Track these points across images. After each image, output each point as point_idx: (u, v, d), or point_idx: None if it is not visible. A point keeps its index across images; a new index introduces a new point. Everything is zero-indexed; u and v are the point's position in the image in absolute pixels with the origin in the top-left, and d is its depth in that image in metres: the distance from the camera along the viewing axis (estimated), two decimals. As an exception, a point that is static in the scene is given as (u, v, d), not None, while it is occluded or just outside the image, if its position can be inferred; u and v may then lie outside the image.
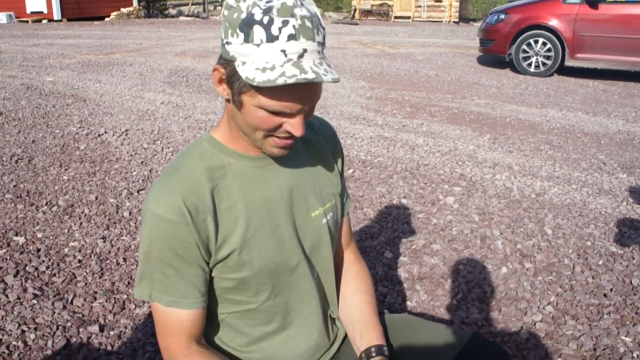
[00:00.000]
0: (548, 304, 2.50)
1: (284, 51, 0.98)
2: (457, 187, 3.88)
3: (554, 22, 8.38)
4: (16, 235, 2.97)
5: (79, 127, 5.00)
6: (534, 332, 2.29)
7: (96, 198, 3.47)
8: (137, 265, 2.65)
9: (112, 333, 2.23)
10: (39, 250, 2.84)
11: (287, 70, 0.97)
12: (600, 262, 2.87)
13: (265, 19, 0.98)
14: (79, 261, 2.74)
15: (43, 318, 2.29)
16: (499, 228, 3.24)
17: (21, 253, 2.79)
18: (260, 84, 0.98)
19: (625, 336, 2.26)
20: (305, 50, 0.99)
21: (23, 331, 2.21)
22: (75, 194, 3.53)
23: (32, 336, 2.19)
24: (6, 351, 2.09)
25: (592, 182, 4.05)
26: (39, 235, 2.99)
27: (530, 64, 8.74)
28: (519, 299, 2.54)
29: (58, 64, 8.56)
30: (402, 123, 5.61)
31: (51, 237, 2.97)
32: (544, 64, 8.64)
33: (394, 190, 3.79)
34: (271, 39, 0.98)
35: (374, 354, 1.27)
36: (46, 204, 3.37)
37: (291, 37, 0.98)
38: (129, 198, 3.49)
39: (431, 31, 16.42)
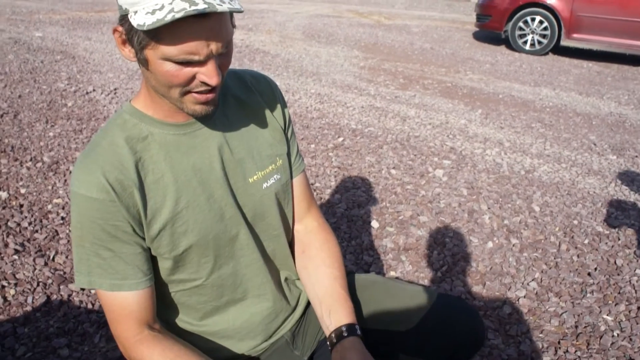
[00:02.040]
0: (532, 280, 2.50)
1: None
2: (446, 160, 3.85)
3: (551, 1, 8.30)
4: (-1, 189, 2.92)
5: (67, 84, 4.91)
6: (517, 308, 2.29)
7: (82, 156, 3.41)
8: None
9: (92, 292, 2.20)
10: (21, 205, 2.79)
11: (175, 6, 0.89)
12: (586, 242, 2.87)
13: None
14: (62, 218, 2.70)
15: (24, 274, 2.26)
16: (486, 203, 3.23)
17: (3, 208, 2.74)
18: (150, 26, 0.89)
19: (607, 315, 2.27)
20: None
21: (3, 286, 2.18)
22: (60, 151, 3.47)
23: (12, 292, 2.16)
24: (-15, 305, 2.06)
25: (582, 162, 4.04)
26: (22, 190, 2.94)
27: (525, 42, 8.68)
28: (504, 274, 2.54)
29: (47, 20, 8.38)
30: (394, 94, 5.56)
31: (35, 193, 2.92)
32: (539, 42, 8.58)
33: (383, 160, 3.76)
34: None
35: (345, 334, 1.17)
36: (31, 159, 3.31)
37: None
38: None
39: (428, 4, 16.25)
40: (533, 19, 8.53)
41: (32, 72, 5.21)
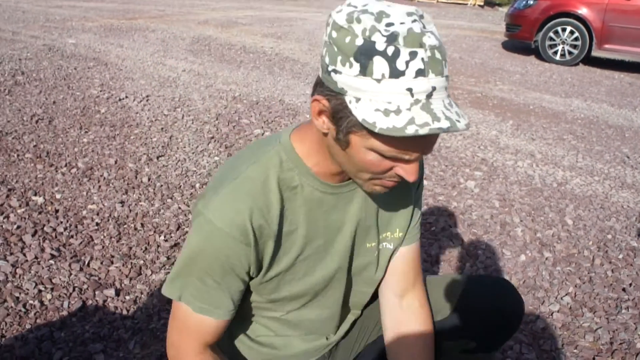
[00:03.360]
0: (566, 294, 2.47)
1: (410, 90, 0.84)
2: (478, 171, 3.83)
3: (583, 11, 8.21)
4: (35, 195, 2.98)
5: (100, 91, 4.99)
6: (551, 322, 2.26)
7: (115, 162, 3.46)
8: (154, 232, 2.65)
9: (127, 298, 2.23)
10: (57, 211, 2.84)
11: (416, 116, 0.84)
12: (620, 256, 2.83)
13: (390, 50, 0.83)
14: (97, 224, 2.74)
15: (60, 279, 2.30)
16: (519, 215, 3.20)
17: (39, 213, 2.79)
18: (384, 131, 0.84)
19: (644, 332, 2.23)
20: (434, 89, 0.85)
21: (40, 291, 2.22)
22: (94, 157, 3.52)
23: (49, 296, 2.20)
24: (23, 309, 2.10)
25: (615, 175, 3.98)
26: (58, 196, 2.99)
27: (556, 52, 8.59)
28: (537, 287, 2.51)
29: (80, 27, 8.53)
30: (423, 104, 5.54)
31: (69, 199, 2.97)
32: (570, 52, 8.49)
33: (414, 171, 3.75)
34: (396, 74, 0.84)
35: None
36: (65, 165, 3.37)
37: (419, 73, 0.84)
38: (148, 164, 3.48)
39: (456, 14, 16.18)
40: (564, 29, 8.44)
41: (66, 78, 5.30)
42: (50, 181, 3.15)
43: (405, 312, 1.28)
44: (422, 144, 0.91)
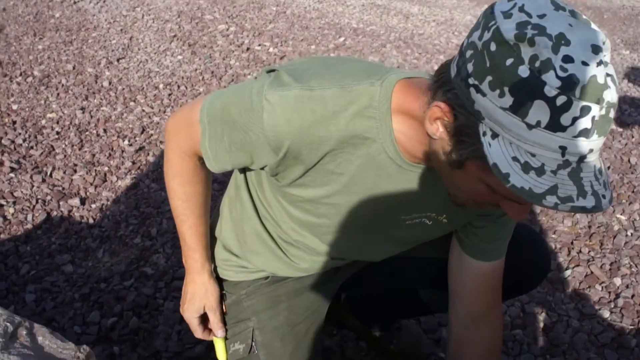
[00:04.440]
0: (544, 180, 2.44)
1: (563, 149, 0.70)
2: (453, 61, 3.71)
3: None
4: (-10, 106, 2.81)
5: (53, -7, 4.68)
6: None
7: (74, 68, 3.27)
8: (118, 137, 2.54)
9: (93, 206, 2.15)
10: (14, 122, 2.69)
11: (561, 185, 0.71)
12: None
13: (560, 100, 0.68)
14: (57, 133, 2.61)
15: (22, 192, 2.20)
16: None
17: (-4, 125, 2.65)
18: (516, 190, 0.71)
19: (621, 214, 2.22)
20: (590, 151, 0.71)
21: (1, 205, 2.12)
22: (51, 64, 3.33)
23: (11, 210, 2.11)
24: (-16, 224, 2.01)
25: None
26: (14, 107, 2.83)
27: None
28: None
29: None
30: (397, -6, 5.31)
31: (27, 109, 2.82)
32: None
33: (387, 59, 3.62)
34: (555, 128, 0.69)
35: None
36: (20, 74, 3.18)
37: (583, 133, 0.69)
38: (108, 67, 3.30)
39: None
40: None
41: (16, -18, 4.96)
42: (5, 92, 2.98)
43: (475, 339, 1.15)
44: None
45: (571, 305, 1.77)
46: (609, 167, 2.54)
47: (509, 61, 0.70)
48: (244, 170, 1.12)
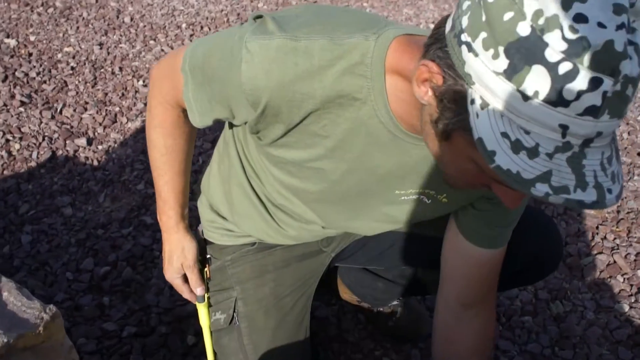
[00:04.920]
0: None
1: (565, 128, 0.58)
2: None
3: None
4: (7, 37, 2.73)
5: None
6: (555, 186, 2.10)
7: (96, 0, 3.17)
8: (133, 76, 2.46)
9: (100, 147, 2.08)
10: (30, 54, 2.61)
11: (556, 171, 0.59)
12: (639, 118, 2.60)
13: (565, 67, 0.56)
14: (72, 68, 2.53)
15: (29, 127, 2.14)
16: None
17: (11, 57, 2.57)
18: (500, 172, 0.60)
19: (655, 199, 2.07)
20: (598, 134, 0.59)
21: (7, 140, 2.07)
22: (74, -5, 3.23)
23: (17, 146, 2.05)
24: (-13, 158, 1.96)
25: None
26: (32, 38, 2.75)
27: None
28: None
29: None
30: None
31: (45, 41, 2.73)
32: None
33: (422, 13, 3.43)
34: (556, 101, 0.57)
35: None
36: (42, 4, 3.08)
37: (590, 112, 0.57)
38: (131, 2, 3.17)
39: None
40: None
41: None
42: (24, 22, 2.89)
43: (463, 328, 1.04)
44: None
45: (588, 295, 1.65)
46: (647, 148, 2.37)
47: (508, 15, 0.58)
48: (231, 124, 1.03)
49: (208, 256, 1.16)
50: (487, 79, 0.60)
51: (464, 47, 0.62)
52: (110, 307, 1.53)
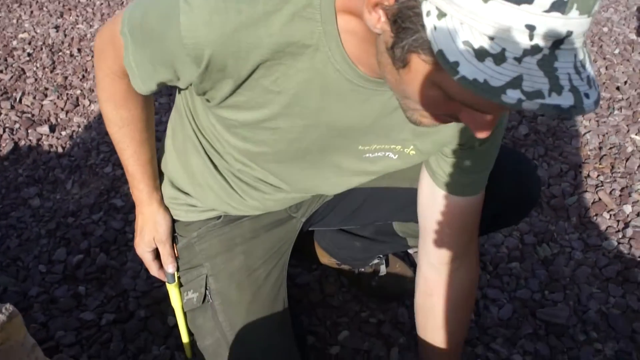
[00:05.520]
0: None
1: (531, 29, 0.52)
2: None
3: None
4: (-41, 26, 2.63)
5: None
6: (535, 127, 2.05)
7: (49, -17, 3.05)
8: (93, 57, 2.36)
9: (63, 133, 2.00)
10: (-16, 43, 2.52)
11: (526, 75, 0.53)
12: (617, 51, 2.55)
13: None
14: (29, 55, 2.43)
15: (-12, 119, 2.06)
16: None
17: (-36, 46, 2.47)
18: (466, 83, 0.54)
19: (635, 134, 2.03)
20: (568, 34, 0.53)
21: (-34, 133, 1.99)
22: (26, -21, 3.11)
23: (-23, 139, 1.98)
24: (-54, 155, 1.89)
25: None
26: (-15, 26, 2.65)
27: None
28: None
29: None
30: None
31: (-2, 29, 2.63)
32: None
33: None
34: None
35: None
36: (-7, -10, 2.97)
37: (557, 7, 0.51)
38: (86, -18, 3.07)
39: None
40: None
41: None
42: (-25, 10, 2.78)
43: (445, 281, 1.00)
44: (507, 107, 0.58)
45: (575, 235, 1.62)
46: (625, 83, 2.32)
47: None
48: (179, 90, 0.97)
49: (175, 234, 1.10)
50: None
51: None
52: (86, 296, 1.48)
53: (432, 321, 1.03)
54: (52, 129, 2.02)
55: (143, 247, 1.09)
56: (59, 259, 1.57)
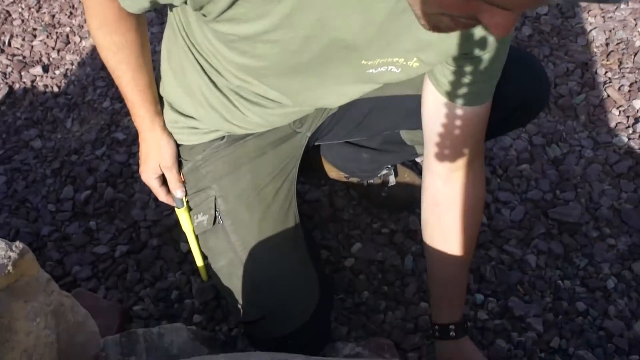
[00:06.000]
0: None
1: None
2: None
3: None
4: (-63, -29, 2.54)
5: None
6: (538, 28, 1.99)
7: None
8: (77, -6, 2.29)
9: (57, 72, 1.96)
10: (-34, -13, 2.43)
11: None
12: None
13: None
14: (13, -5, 2.36)
15: (-20, 64, 2.01)
16: None
17: (-54, -8, 2.39)
18: None
19: (644, 26, 1.96)
20: None
21: (-41, 81, 1.95)
22: None
23: (-29, 84, 1.94)
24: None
25: None
26: (-36, -31, 2.55)
27: None
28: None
29: None
30: None
31: (-22, -29, 2.54)
32: None
33: None
34: None
35: (452, 333, 1.05)
36: None
37: None
38: None
39: None
40: None
41: None
42: (-47, -47, 2.67)
43: (452, 191, 0.98)
44: None
45: (584, 133, 1.60)
46: (630, -27, 2.23)
47: None
48: (172, 6, 0.93)
49: (180, 159, 1.09)
50: None
51: None
52: (98, 230, 1.49)
53: (438, 232, 1.02)
54: (45, 69, 1.97)
55: (149, 174, 1.08)
56: (67, 197, 1.57)
